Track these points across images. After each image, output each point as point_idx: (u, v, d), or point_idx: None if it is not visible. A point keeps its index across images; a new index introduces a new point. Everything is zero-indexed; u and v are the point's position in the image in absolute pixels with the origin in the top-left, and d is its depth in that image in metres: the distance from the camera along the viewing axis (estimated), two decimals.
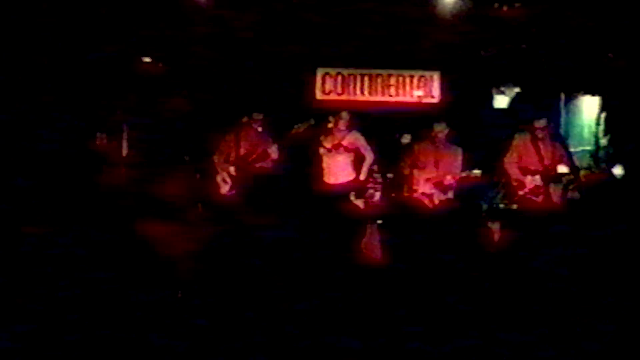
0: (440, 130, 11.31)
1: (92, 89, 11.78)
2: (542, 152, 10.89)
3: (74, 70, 11.55)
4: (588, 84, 13.44)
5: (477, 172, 11.37)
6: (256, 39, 12.49)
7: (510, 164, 11.06)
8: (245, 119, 11.69)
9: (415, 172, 11.35)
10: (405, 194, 11.43)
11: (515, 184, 11.02)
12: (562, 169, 10.85)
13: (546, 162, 10.86)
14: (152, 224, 8.32)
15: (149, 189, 9.79)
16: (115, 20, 11.20)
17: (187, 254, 8.03)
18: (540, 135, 10.93)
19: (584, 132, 13.84)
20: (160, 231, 8.22)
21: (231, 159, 11.56)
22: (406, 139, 12.90)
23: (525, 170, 10.92)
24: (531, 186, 10.84)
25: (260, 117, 11.70)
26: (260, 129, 11.69)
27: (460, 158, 11.31)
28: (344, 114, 11.46)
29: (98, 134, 11.75)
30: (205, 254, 8.25)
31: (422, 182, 11.26)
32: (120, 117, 11.98)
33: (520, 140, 11.08)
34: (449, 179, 11.17)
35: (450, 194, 11.26)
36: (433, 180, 11.20)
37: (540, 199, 10.81)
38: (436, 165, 11.28)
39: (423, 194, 11.21)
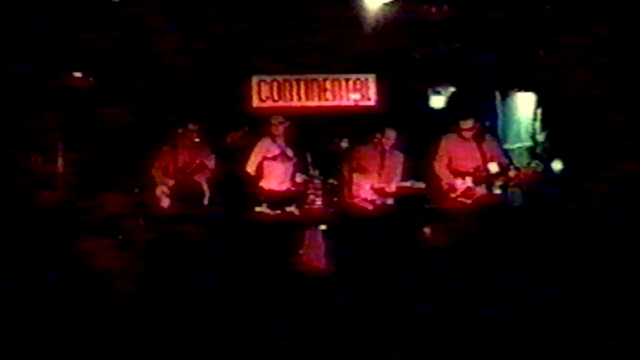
0: (390, 136, 11.37)
1: (22, 106, 11.55)
2: (471, 152, 10.91)
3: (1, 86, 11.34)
4: (522, 81, 13.46)
5: (420, 184, 11.35)
6: (188, 46, 12.36)
7: (440, 166, 11.06)
8: (180, 130, 11.59)
9: (357, 177, 11.42)
10: (347, 200, 11.43)
11: (445, 187, 11.01)
12: (494, 168, 10.81)
13: (476, 162, 10.86)
14: (90, 242, 8.18)
15: (87, 206, 9.63)
16: (43, 33, 11.00)
17: (125, 270, 7.90)
18: (467, 136, 10.96)
19: (521, 128, 13.86)
20: (98, 248, 8.09)
21: (169, 171, 11.46)
22: (345, 142, 12.86)
23: (456, 172, 10.92)
24: (462, 188, 10.84)
25: (196, 127, 11.62)
26: (196, 140, 11.60)
27: (401, 165, 11.40)
28: (281, 119, 11.43)
29: (31, 153, 11.52)
30: (146, 269, 8.14)
31: (363, 187, 11.34)
32: (54, 134, 11.74)
33: (448, 142, 11.12)
34: (391, 187, 11.25)
35: (390, 200, 11.34)
36: (375, 187, 11.29)
37: (471, 200, 10.80)
38: (379, 171, 11.39)
39: (365, 199, 11.26)
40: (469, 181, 10.84)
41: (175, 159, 11.52)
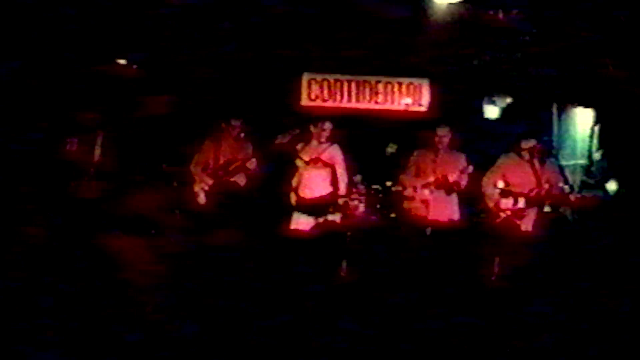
0: (444, 135, 11.08)
1: (63, 92, 11.30)
2: (528, 174, 10.66)
3: (44, 71, 11.08)
4: (581, 95, 13.07)
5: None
6: (239, 41, 12.04)
7: (488, 184, 10.80)
8: (223, 125, 11.28)
9: (414, 180, 11.11)
10: (405, 205, 11.13)
11: (491, 204, 10.77)
12: (553, 189, 10.56)
13: (532, 184, 10.60)
14: (123, 237, 7.88)
15: (122, 199, 9.34)
16: (90, 21, 10.73)
17: (158, 267, 7.58)
18: (527, 157, 10.70)
19: (577, 145, 13.47)
20: (132, 244, 7.79)
21: (209, 168, 11.16)
22: (392, 148, 12.57)
23: (509, 192, 10.63)
24: (511, 208, 10.57)
25: (239, 123, 11.30)
26: (240, 136, 11.28)
27: (463, 165, 10.99)
28: (327, 125, 11.07)
29: (68, 139, 11.25)
30: (179, 267, 7.81)
31: (419, 188, 11.01)
32: (93, 122, 11.48)
33: (505, 161, 10.86)
34: (450, 178, 10.90)
35: (451, 203, 10.92)
36: (431, 187, 10.95)
37: (522, 221, 10.52)
38: (435, 171, 11.04)
39: (422, 200, 10.94)
40: (521, 202, 10.55)
41: (216, 156, 11.21)
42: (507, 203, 10.62)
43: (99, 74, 11.77)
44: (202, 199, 11.00)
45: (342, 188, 10.96)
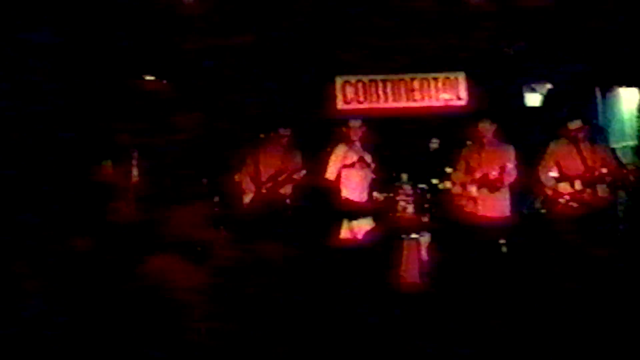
0: (487, 129, 10.85)
1: (94, 112, 11.07)
2: (580, 155, 10.49)
3: (73, 92, 10.86)
4: (625, 75, 12.68)
5: None
6: (268, 48, 11.82)
7: (543, 172, 10.66)
8: (272, 134, 11.00)
9: (461, 175, 10.92)
10: (446, 202, 10.91)
11: (549, 192, 10.60)
12: (604, 170, 10.33)
13: (587, 164, 10.43)
14: (165, 257, 7.57)
15: (163, 218, 9.03)
16: (117, 36, 10.52)
17: (202, 288, 7.26)
18: (578, 137, 10.54)
19: (625, 126, 13.10)
20: (176, 264, 7.47)
21: (257, 179, 10.87)
22: (434, 144, 12.30)
23: (565, 176, 10.50)
24: (570, 192, 10.40)
25: (288, 132, 11.00)
26: (289, 146, 11.00)
27: (511, 157, 10.75)
28: (358, 123, 10.84)
29: (103, 162, 10.99)
30: (225, 287, 7.48)
31: (468, 184, 10.81)
32: (127, 142, 11.22)
33: (556, 147, 10.70)
34: (492, 175, 10.67)
35: (502, 198, 10.67)
36: (480, 181, 10.71)
37: (581, 204, 10.35)
38: (483, 165, 10.81)
39: (471, 197, 10.74)
40: (577, 185, 10.39)
41: (264, 166, 10.91)
42: (564, 187, 10.44)
43: (129, 91, 11.55)
44: (250, 211, 10.72)
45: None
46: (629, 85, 13.04)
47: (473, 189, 10.72)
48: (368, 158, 10.77)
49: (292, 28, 11.40)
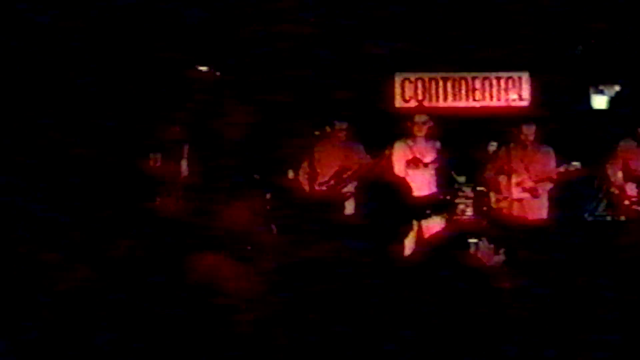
0: (530, 131, 10.57)
1: (143, 103, 10.85)
2: None
3: (121, 82, 10.65)
4: None
5: (575, 163, 10.44)
6: (326, 41, 11.59)
7: (614, 171, 10.43)
8: (328, 130, 10.69)
9: (502, 178, 10.60)
10: (493, 205, 10.68)
11: (617, 192, 10.40)
12: None
13: None
14: (216, 255, 7.23)
15: (213, 214, 8.74)
16: (167, 25, 10.30)
17: (254, 291, 6.90)
18: None
19: None
20: (226, 263, 7.14)
21: (317, 176, 10.55)
22: (493, 146, 11.96)
23: (630, 176, 10.29)
24: (635, 194, 10.21)
25: (345, 125, 10.66)
26: (349, 140, 10.68)
27: (552, 160, 10.56)
28: (424, 118, 10.49)
29: (152, 154, 10.75)
30: (279, 289, 7.12)
31: (512, 187, 10.48)
32: (177, 134, 10.99)
33: (625, 147, 10.46)
34: (541, 182, 10.47)
35: (544, 200, 10.48)
36: (524, 185, 10.45)
37: None
38: (527, 169, 10.56)
39: (516, 200, 10.45)
40: None
41: (323, 163, 10.60)
42: (631, 188, 10.24)
43: (181, 82, 11.33)
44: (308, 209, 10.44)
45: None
46: None
47: (516, 191, 10.46)
48: (432, 155, 10.42)
49: (352, 21, 11.16)
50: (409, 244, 9.29)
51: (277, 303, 6.84)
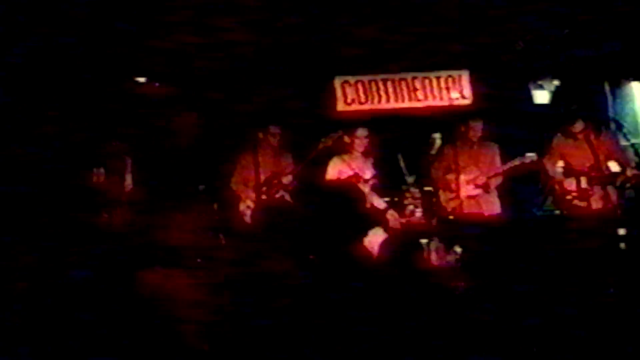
0: (477, 128, 10.85)
1: (84, 117, 10.64)
2: (585, 151, 10.36)
3: (62, 96, 10.43)
4: (636, 69, 12.32)
5: (531, 155, 10.62)
6: (264, 47, 11.42)
7: (551, 165, 10.58)
8: (261, 135, 10.59)
9: (452, 176, 10.83)
10: (445, 204, 10.78)
11: (557, 187, 10.51)
12: (614, 166, 10.24)
13: (591, 161, 10.29)
14: (164, 270, 7.06)
15: (160, 228, 8.57)
16: (106, 37, 10.09)
17: (204, 303, 6.75)
18: (580, 137, 10.41)
19: (638, 122, 12.72)
20: (174, 276, 6.97)
21: (251, 183, 10.47)
22: (436, 140, 11.92)
23: (569, 171, 10.39)
24: (575, 189, 10.30)
25: (278, 131, 10.60)
26: (280, 146, 10.59)
27: (498, 156, 10.85)
28: (364, 132, 10.57)
29: (95, 169, 10.55)
30: (230, 301, 6.98)
31: (462, 185, 10.74)
32: (120, 148, 10.79)
33: (559, 141, 10.63)
34: (493, 178, 10.72)
35: (496, 196, 10.68)
36: (476, 181, 10.70)
37: (587, 202, 10.28)
38: (476, 165, 10.85)
39: (468, 197, 10.68)
40: (583, 182, 10.25)
41: (257, 170, 10.51)
42: (570, 183, 10.32)
43: (122, 94, 11.12)
44: (249, 218, 10.34)
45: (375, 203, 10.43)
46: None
47: (469, 188, 10.69)
48: (371, 170, 10.54)
49: (288, 25, 11.02)
50: (366, 250, 9.29)
51: (228, 314, 6.72)
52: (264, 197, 10.54)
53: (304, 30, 11.15)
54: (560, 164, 10.42)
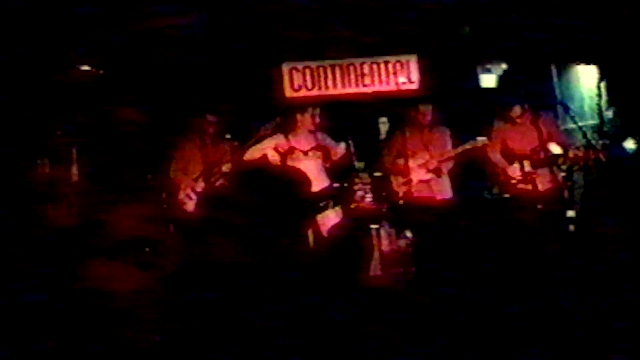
0: (427, 112, 10.79)
1: (26, 107, 10.45)
2: (526, 134, 10.31)
3: (2, 87, 10.24)
4: (581, 52, 12.39)
5: (482, 139, 10.58)
6: (210, 33, 11.34)
7: (493, 151, 10.51)
8: (198, 123, 10.60)
9: (401, 161, 10.79)
10: (397, 188, 10.71)
11: (499, 172, 10.51)
12: (555, 149, 10.14)
13: (533, 144, 10.27)
14: (111, 261, 6.98)
15: (107, 219, 8.45)
16: (48, 24, 9.91)
17: (151, 294, 6.69)
18: (519, 121, 10.38)
19: (584, 105, 12.81)
20: (121, 268, 6.90)
21: (189, 171, 10.39)
22: (384, 124, 11.88)
23: (511, 156, 10.37)
24: (518, 173, 10.28)
25: (215, 119, 10.56)
26: (218, 135, 10.55)
27: (449, 139, 10.82)
28: (317, 111, 10.44)
29: (39, 160, 10.38)
30: (177, 290, 6.92)
31: (414, 169, 10.68)
32: (65, 138, 10.64)
33: (500, 127, 10.55)
34: (444, 162, 10.70)
35: (447, 180, 10.69)
36: (428, 166, 10.67)
37: (533, 185, 10.23)
38: (427, 149, 10.78)
39: (420, 181, 10.64)
40: (527, 165, 10.23)
41: (196, 159, 10.42)
42: (513, 169, 10.30)
43: (61, 83, 10.92)
44: (190, 207, 10.26)
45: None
46: (586, 62, 12.75)
47: (420, 173, 10.66)
48: (311, 143, 10.34)
49: (235, 11, 10.93)
50: (311, 236, 9.24)
51: (177, 306, 6.66)
52: (203, 185, 10.40)
53: (251, 16, 11.08)
54: (497, 156, 10.45)
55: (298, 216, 9.19)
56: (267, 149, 10.25)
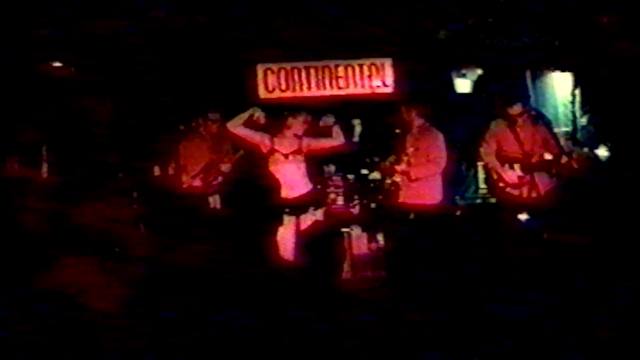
0: (415, 115, 10.45)
1: None
2: (521, 138, 10.18)
3: None
4: (556, 59, 12.42)
5: None
6: (185, 34, 11.29)
7: (487, 154, 10.43)
8: (198, 121, 10.53)
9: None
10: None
11: (493, 175, 10.42)
12: (548, 155, 10.10)
13: (527, 149, 10.15)
14: (81, 260, 6.90)
15: (77, 218, 8.37)
16: (20, 21, 9.81)
17: (125, 292, 6.62)
18: (518, 122, 10.24)
19: (558, 112, 12.85)
20: (92, 267, 6.81)
21: (185, 172, 10.29)
22: (357, 125, 11.84)
23: (505, 159, 10.26)
24: (512, 177, 10.19)
25: (217, 116, 10.47)
26: (218, 133, 10.46)
27: (442, 142, 10.38)
28: (307, 115, 10.20)
29: (8, 158, 10.28)
30: (147, 290, 6.85)
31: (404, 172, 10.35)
32: (35, 135, 10.54)
33: (497, 128, 10.40)
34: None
35: (437, 184, 10.33)
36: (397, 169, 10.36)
37: (523, 190, 10.12)
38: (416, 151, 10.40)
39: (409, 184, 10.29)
40: (517, 169, 10.16)
41: (191, 158, 10.37)
42: (506, 171, 10.22)
43: (36, 79, 10.81)
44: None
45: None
46: (561, 69, 12.77)
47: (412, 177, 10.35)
48: (293, 146, 9.93)
49: (210, 12, 10.88)
50: (284, 241, 9.13)
51: (146, 306, 6.59)
52: (195, 186, 10.31)
53: (227, 17, 11.04)
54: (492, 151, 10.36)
55: (270, 221, 9.10)
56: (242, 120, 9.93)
